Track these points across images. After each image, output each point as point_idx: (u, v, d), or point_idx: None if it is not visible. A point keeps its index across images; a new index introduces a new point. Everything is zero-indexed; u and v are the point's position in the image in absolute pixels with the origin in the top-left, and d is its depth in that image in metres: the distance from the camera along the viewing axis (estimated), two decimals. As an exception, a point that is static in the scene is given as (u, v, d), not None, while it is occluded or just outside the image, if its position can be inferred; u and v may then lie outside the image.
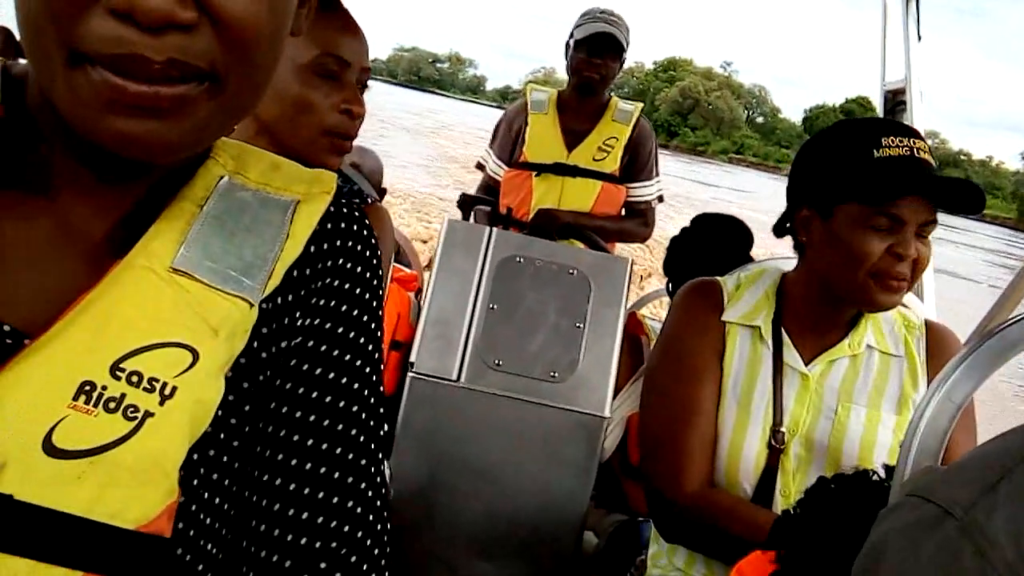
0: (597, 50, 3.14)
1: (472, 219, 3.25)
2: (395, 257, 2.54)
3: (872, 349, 1.57)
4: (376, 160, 3.04)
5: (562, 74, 3.33)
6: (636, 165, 3.27)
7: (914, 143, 1.47)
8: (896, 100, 2.42)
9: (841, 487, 1.01)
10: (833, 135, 1.54)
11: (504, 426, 2.15)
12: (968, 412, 1.45)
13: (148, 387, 0.56)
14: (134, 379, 0.56)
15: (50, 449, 0.53)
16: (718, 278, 1.67)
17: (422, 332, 2.17)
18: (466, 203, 3.34)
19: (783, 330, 1.57)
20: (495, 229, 2.31)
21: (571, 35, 3.24)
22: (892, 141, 1.46)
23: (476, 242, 2.26)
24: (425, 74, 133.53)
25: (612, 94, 3.34)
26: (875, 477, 1.01)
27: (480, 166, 3.48)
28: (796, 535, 0.99)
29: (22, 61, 0.66)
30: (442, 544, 2.16)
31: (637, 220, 3.31)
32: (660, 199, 3.37)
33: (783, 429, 1.51)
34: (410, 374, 2.14)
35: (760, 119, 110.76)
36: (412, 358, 2.15)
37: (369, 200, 1.60)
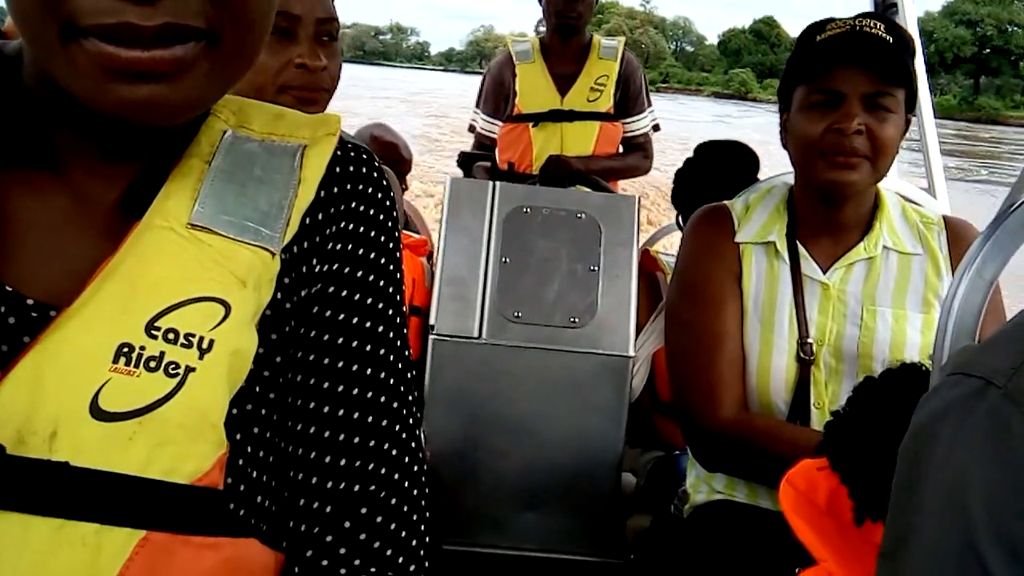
0: None
1: (473, 178, 3.24)
2: (404, 224, 2.53)
3: (889, 250, 1.55)
4: (393, 133, 3.04)
5: (501, 30, 3.33)
6: (628, 99, 3.26)
7: (861, 21, 1.46)
8: (886, 3, 2.38)
9: (888, 382, 0.99)
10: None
11: (531, 377, 2.16)
12: (996, 299, 1.44)
13: (186, 343, 0.57)
14: (171, 336, 0.56)
15: (98, 413, 0.54)
16: (726, 202, 1.65)
17: (438, 293, 2.17)
18: (466, 160, 3.32)
19: (798, 242, 1.56)
20: (498, 183, 2.29)
21: None
22: (837, 24, 1.48)
23: (481, 197, 2.25)
24: (369, 48, 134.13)
25: (592, 33, 3.31)
26: (923, 368, 0.99)
27: (471, 128, 3.45)
28: (847, 435, 0.98)
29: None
30: (484, 501, 2.17)
31: (638, 154, 3.32)
32: (656, 127, 3.36)
33: (810, 340, 1.50)
34: (432, 337, 2.14)
35: (689, 48, 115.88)
36: (432, 321, 2.15)
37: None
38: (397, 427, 0.70)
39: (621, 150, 3.31)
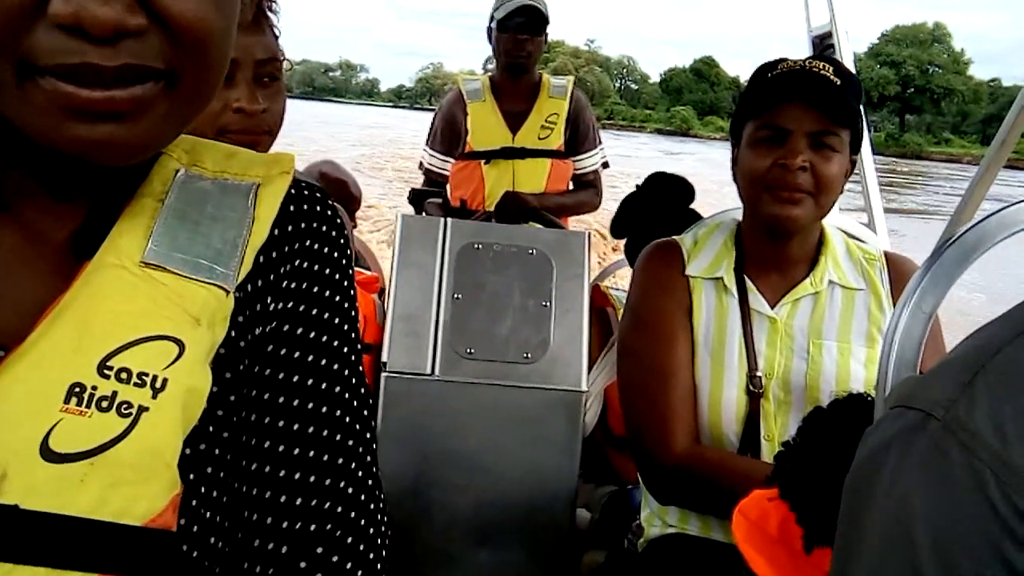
0: (520, 28, 3.16)
1: (424, 214, 3.25)
2: (355, 261, 2.53)
3: (834, 285, 1.59)
4: (342, 170, 3.04)
5: (449, 68, 3.40)
6: (578, 137, 3.32)
7: (811, 62, 1.50)
8: (824, 44, 2.46)
9: (835, 411, 1.02)
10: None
11: (484, 413, 2.15)
12: (936, 334, 1.48)
13: (139, 382, 0.56)
14: (123, 376, 0.56)
15: (48, 454, 0.53)
16: (675, 237, 1.68)
17: (391, 330, 2.16)
18: (417, 197, 3.33)
19: (746, 277, 1.59)
20: (449, 219, 2.30)
21: (491, 18, 3.24)
22: (788, 64, 1.52)
23: (432, 234, 2.25)
24: (319, 84, 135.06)
25: (541, 72, 3.37)
26: (869, 399, 1.02)
27: (421, 166, 3.47)
28: (796, 464, 1.00)
29: None
30: (439, 538, 2.15)
31: (589, 191, 3.38)
32: (605, 164, 3.42)
33: (759, 374, 1.53)
34: (384, 374, 2.13)
35: (634, 86, 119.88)
36: (384, 358, 2.14)
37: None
38: (353, 465, 0.69)
39: (571, 187, 3.36)
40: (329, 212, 0.73)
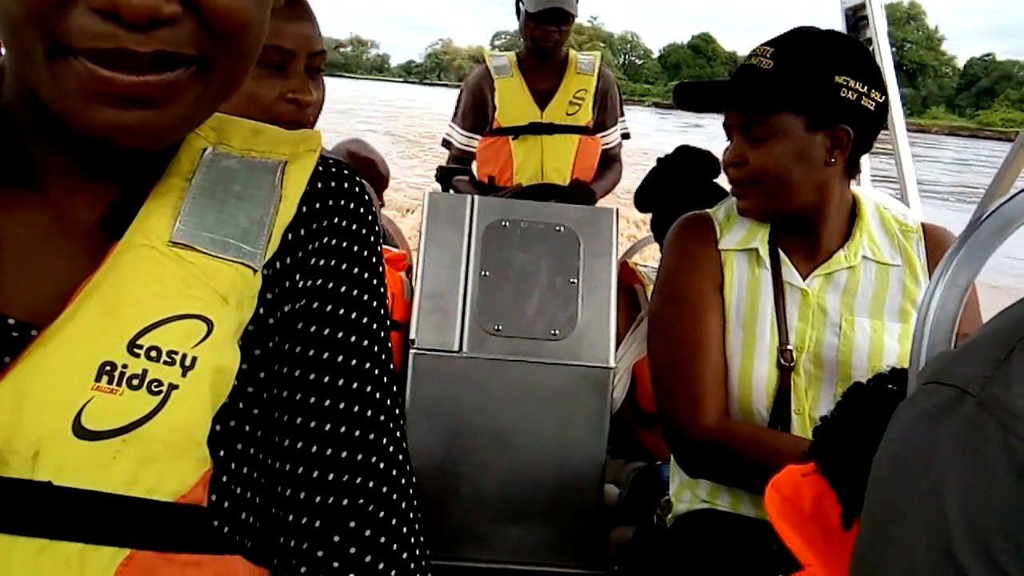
0: (550, 19, 3.14)
1: (452, 192, 3.25)
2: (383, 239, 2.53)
3: (869, 260, 1.57)
4: (370, 149, 3.04)
5: (459, 43, 3.42)
6: (607, 112, 3.33)
7: (751, 53, 1.54)
8: (857, 16, 2.42)
9: (877, 386, 1.00)
10: None
11: (512, 390, 2.16)
12: (972, 305, 1.45)
13: (168, 360, 0.56)
14: (153, 354, 0.56)
15: (81, 432, 0.53)
16: (708, 210, 1.67)
17: (418, 308, 2.17)
18: (444, 175, 3.33)
19: (779, 249, 1.58)
20: (477, 196, 2.30)
21: None
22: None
23: (460, 211, 2.25)
24: (331, 60, 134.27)
25: (568, 49, 3.36)
26: None
27: (447, 143, 3.46)
28: (836, 439, 0.98)
29: None
30: (468, 515, 2.17)
31: (617, 165, 3.40)
32: (626, 136, 3.44)
33: (790, 347, 1.51)
34: (412, 351, 2.14)
35: (638, 60, 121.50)
36: (412, 335, 2.15)
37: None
38: (384, 440, 0.70)
39: (599, 162, 3.36)
40: (357, 189, 0.73)
